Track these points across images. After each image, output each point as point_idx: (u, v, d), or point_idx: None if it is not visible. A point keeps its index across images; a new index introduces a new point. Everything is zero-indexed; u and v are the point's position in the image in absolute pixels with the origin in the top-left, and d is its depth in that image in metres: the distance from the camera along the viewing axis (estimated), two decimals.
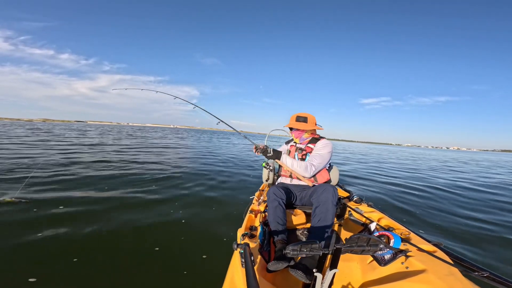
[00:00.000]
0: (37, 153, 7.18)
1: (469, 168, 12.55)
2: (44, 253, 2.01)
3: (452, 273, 0.98)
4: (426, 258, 1.14)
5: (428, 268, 1.05)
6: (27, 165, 5.30)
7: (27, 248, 2.08)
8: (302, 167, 1.88)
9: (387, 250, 1.27)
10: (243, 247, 1.15)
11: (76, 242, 2.23)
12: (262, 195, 2.37)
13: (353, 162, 11.33)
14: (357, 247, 1.09)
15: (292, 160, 1.93)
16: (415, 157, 20.26)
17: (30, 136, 14.08)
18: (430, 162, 15.07)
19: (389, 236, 1.34)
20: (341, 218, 2.01)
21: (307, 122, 2.01)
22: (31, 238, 2.22)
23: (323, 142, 2.00)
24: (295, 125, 2.00)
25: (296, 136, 2.07)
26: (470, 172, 10.11)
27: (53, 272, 1.80)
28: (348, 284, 1.30)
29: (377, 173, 7.87)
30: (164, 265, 1.95)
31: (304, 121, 2.01)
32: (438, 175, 8.51)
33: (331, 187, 1.60)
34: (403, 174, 8.09)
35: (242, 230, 1.56)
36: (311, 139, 2.06)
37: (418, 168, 10.85)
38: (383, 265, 1.22)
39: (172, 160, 7.78)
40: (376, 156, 18.27)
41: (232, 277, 1.08)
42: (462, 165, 14.08)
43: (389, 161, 13.88)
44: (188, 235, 2.48)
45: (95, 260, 1.97)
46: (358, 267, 1.36)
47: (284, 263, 1.25)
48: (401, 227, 1.56)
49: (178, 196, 3.77)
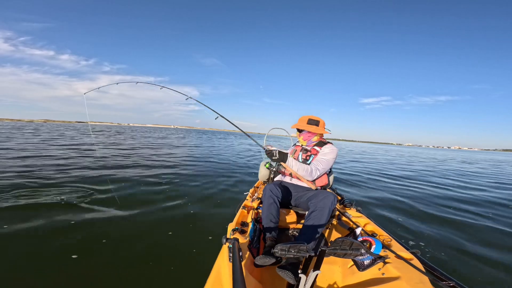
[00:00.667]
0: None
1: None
2: (83, 234, 2.33)
3: (422, 282, 1.07)
4: (402, 265, 1.21)
5: (402, 276, 1.12)
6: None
7: (70, 228, 2.42)
8: (307, 171, 1.89)
9: (367, 256, 1.34)
10: (232, 242, 1.16)
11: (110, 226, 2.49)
12: (256, 192, 2.42)
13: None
14: (340, 250, 1.14)
15: (298, 164, 1.89)
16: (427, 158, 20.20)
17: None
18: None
19: (371, 241, 1.41)
20: (330, 221, 2.06)
21: (319, 126, 2.03)
22: (73, 221, 2.53)
23: (329, 147, 2.02)
24: (307, 127, 2.01)
25: (305, 139, 2.08)
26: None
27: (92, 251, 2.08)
28: (329, 286, 1.36)
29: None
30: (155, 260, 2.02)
31: (316, 125, 2.03)
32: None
33: (332, 196, 1.62)
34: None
35: (233, 225, 1.58)
36: (318, 142, 2.09)
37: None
38: (362, 270, 1.29)
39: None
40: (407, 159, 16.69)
41: (219, 271, 1.09)
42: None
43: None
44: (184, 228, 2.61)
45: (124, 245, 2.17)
46: (340, 270, 1.42)
47: (271, 259, 1.29)
48: (384, 234, 1.63)
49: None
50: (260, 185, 2.68)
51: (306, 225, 1.54)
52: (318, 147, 2.05)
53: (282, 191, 1.78)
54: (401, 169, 9.89)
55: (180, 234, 2.49)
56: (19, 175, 4.33)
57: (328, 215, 1.57)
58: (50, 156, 6.98)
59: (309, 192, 1.90)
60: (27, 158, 6.33)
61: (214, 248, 2.12)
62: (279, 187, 1.77)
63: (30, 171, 4.69)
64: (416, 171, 9.62)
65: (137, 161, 6.93)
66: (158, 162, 7.07)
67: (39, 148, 8.56)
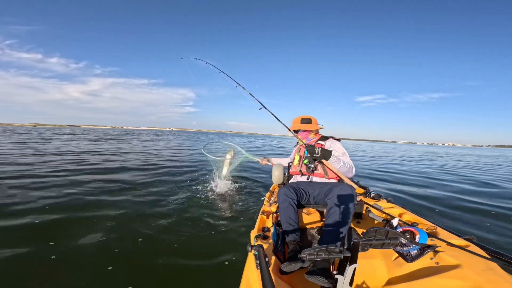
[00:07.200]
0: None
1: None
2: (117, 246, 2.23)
3: (490, 268, 0.88)
4: (459, 253, 1.04)
5: (462, 263, 0.94)
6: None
7: (104, 242, 2.30)
8: (349, 167, 1.82)
9: (413, 246, 1.17)
10: (257, 249, 1.14)
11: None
12: (272, 196, 2.33)
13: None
14: (375, 241, 1.00)
15: (340, 161, 1.79)
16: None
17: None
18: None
19: (413, 231, 1.24)
20: (359, 216, 1.91)
21: (312, 123, 2.14)
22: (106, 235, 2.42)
23: (333, 141, 2.00)
24: (301, 127, 2.12)
25: (303, 137, 2.12)
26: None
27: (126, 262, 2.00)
28: (372, 280, 1.21)
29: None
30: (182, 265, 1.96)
31: (308, 122, 2.14)
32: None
33: (349, 187, 1.52)
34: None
35: (255, 231, 1.55)
36: (321, 138, 2.07)
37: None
38: (410, 261, 1.13)
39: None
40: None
41: (248, 279, 1.07)
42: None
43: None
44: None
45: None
46: (382, 263, 1.26)
47: (297, 264, 1.21)
48: (426, 222, 1.45)
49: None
50: (275, 189, 2.56)
51: (328, 224, 1.44)
52: (322, 141, 2.02)
53: (296, 191, 1.71)
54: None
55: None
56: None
57: (351, 208, 1.44)
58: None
59: (323, 187, 1.77)
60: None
61: (240, 257, 2.03)
62: (293, 188, 1.71)
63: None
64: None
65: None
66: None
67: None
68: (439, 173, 7.95)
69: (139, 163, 7.18)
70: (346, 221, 1.41)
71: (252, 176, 5.76)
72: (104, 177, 4.99)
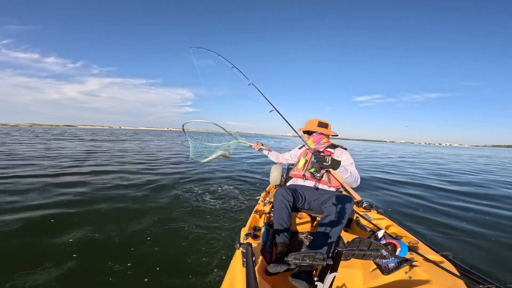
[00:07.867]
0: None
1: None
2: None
3: (456, 285, 0.94)
4: (432, 268, 1.10)
5: (432, 279, 1.01)
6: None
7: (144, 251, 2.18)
8: (355, 178, 1.84)
9: (392, 259, 1.23)
10: (245, 247, 1.14)
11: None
12: (268, 196, 2.37)
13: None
14: (358, 251, 1.06)
15: (348, 172, 1.80)
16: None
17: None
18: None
19: (396, 244, 1.30)
20: (347, 224, 1.95)
21: (327, 128, 2.13)
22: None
23: (342, 150, 2.05)
24: (318, 129, 2.08)
25: (315, 141, 2.11)
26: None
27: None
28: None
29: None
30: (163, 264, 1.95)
31: (325, 127, 2.12)
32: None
33: (349, 199, 1.56)
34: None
35: (246, 229, 1.55)
36: (330, 145, 2.11)
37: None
38: (386, 274, 1.19)
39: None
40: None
41: (232, 277, 1.08)
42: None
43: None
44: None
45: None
46: (360, 274, 1.32)
47: (283, 266, 1.23)
48: (410, 236, 1.51)
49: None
50: (271, 189, 2.61)
51: (320, 231, 1.46)
52: (331, 149, 2.04)
53: (293, 194, 1.73)
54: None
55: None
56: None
57: (345, 220, 1.48)
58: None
59: (322, 195, 1.80)
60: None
61: (227, 253, 2.04)
62: (290, 191, 1.72)
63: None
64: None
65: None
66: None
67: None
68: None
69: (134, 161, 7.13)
70: (338, 231, 1.44)
71: (248, 176, 5.86)
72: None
